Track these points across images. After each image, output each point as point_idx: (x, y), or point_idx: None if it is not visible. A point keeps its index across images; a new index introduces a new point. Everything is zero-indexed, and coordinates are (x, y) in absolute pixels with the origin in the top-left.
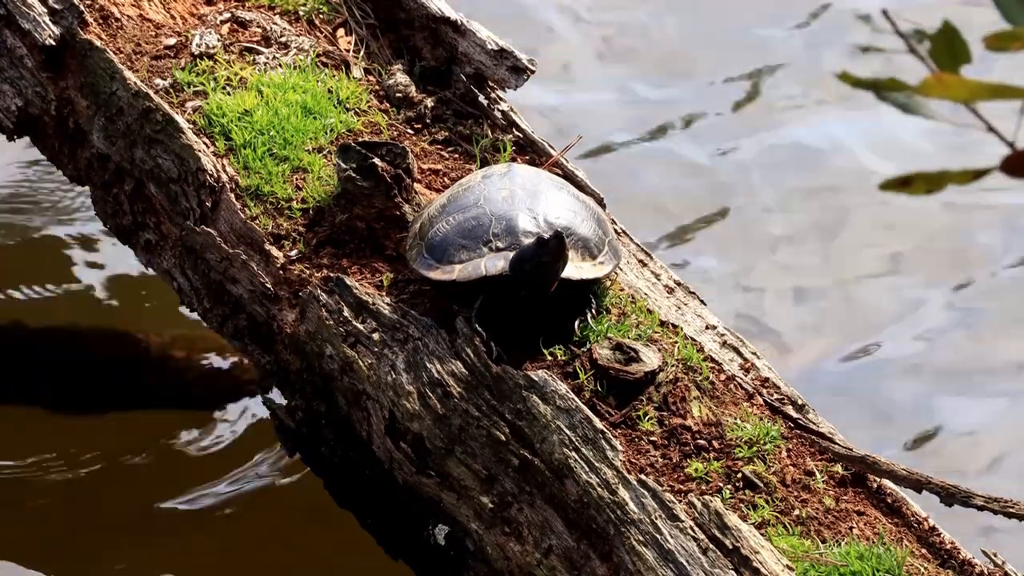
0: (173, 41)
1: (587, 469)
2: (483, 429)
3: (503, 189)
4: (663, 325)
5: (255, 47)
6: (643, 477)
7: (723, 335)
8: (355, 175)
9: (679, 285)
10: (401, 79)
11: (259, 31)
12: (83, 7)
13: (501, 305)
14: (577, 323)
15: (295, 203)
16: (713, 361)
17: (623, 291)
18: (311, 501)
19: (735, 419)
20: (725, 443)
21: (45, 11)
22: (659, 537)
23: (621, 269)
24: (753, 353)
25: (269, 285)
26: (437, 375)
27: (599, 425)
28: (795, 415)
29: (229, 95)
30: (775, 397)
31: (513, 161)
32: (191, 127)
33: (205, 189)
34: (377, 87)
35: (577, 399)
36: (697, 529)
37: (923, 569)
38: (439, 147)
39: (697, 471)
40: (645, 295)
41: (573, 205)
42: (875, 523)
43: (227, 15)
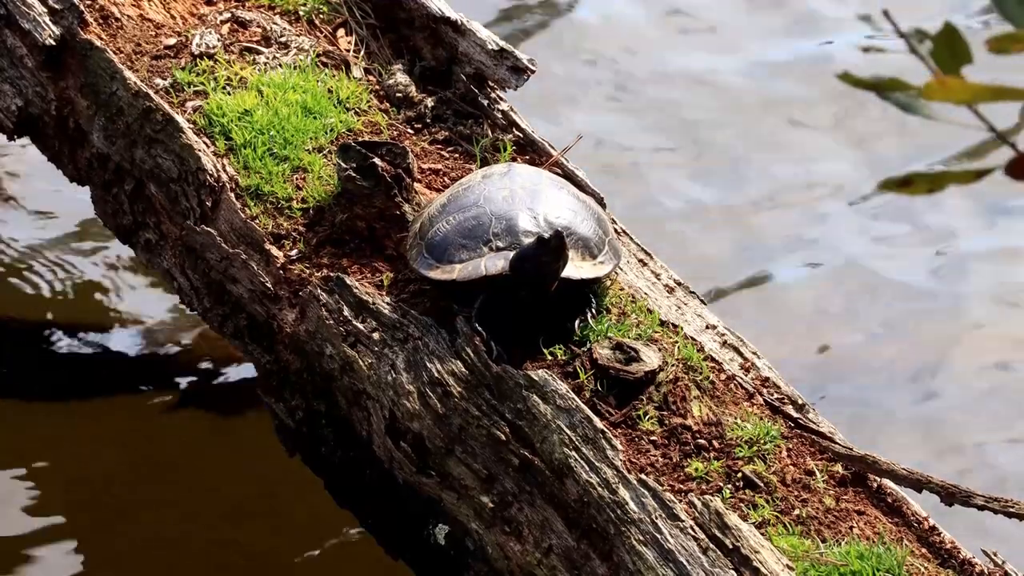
0: (173, 41)
1: (587, 469)
2: (483, 429)
3: (503, 189)
4: (663, 325)
5: (255, 47)
6: (643, 477)
7: (723, 335)
8: (355, 175)
9: (679, 285)
10: (401, 79)
11: (259, 31)
12: (83, 7)
13: (501, 305)
14: (577, 323)
15: (295, 203)
16: (713, 361)
17: (623, 291)
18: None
19: (735, 419)
20: (725, 443)
21: (45, 11)
22: (659, 537)
23: (621, 269)
24: (753, 353)
25: (269, 285)
26: (437, 375)
27: (599, 425)
28: (795, 415)
29: (229, 95)
30: (775, 397)
31: (513, 161)
32: (191, 127)
33: (205, 189)
34: (377, 87)
35: (577, 399)
36: (697, 529)
37: (923, 569)
38: (439, 147)
39: (697, 471)
40: (645, 295)
41: (573, 205)
42: (875, 523)
43: (227, 15)
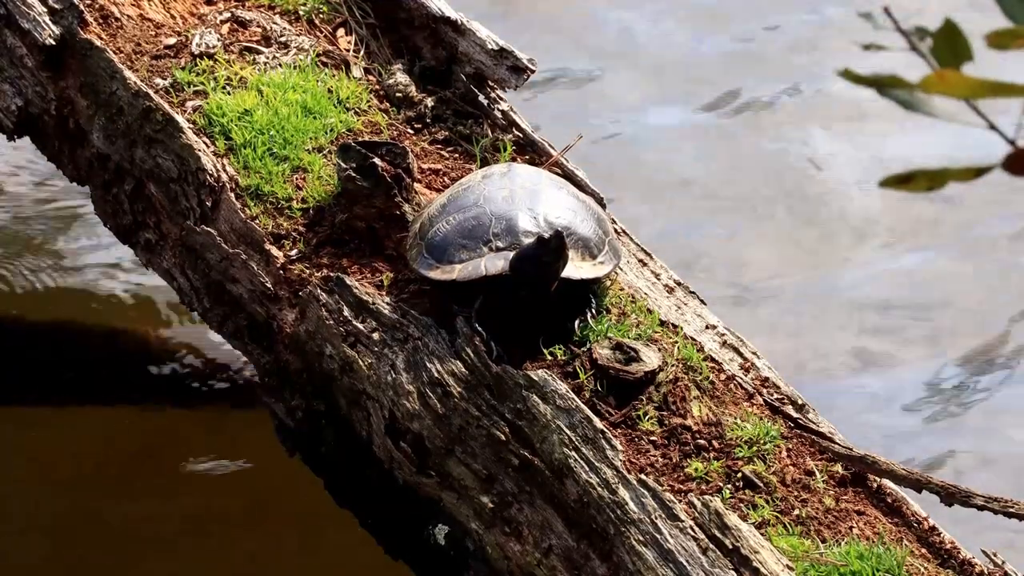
0: (173, 41)
1: (587, 469)
2: (483, 429)
3: (503, 189)
4: (663, 325)
5: (255, 47)
6: (643, 477)
7: (723, 335)
8: (355, 175)
9: (679, 285)
10: (401, 79)
11: (259, 31)
12: (83, 7)
13: (501, 305)
14: (577, 323)
15: (295, 203)
16: (713, 361)
17: (623, 291)
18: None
19: (735, 419)
20: (725, 443)
21: (45, 11)
22: (659, 537)
23: (621, 269)
24: (753, 353)
25: (269, 285)
26: (437, 375)
27: (599, 425)
28: (795, 415)
29: (229, 95)
30: (775, 397)
31: (513, 161)
32: (191, 127)
33: (205, 189)
34: (377, 87)
35: (577, 399)
36: (697, 529)
37: (923, 569)
38: (439, 147)
39: (697, 471)
40: (645, 295)
41: (573, 204)
42: (875, 523)
43: (227, 15)
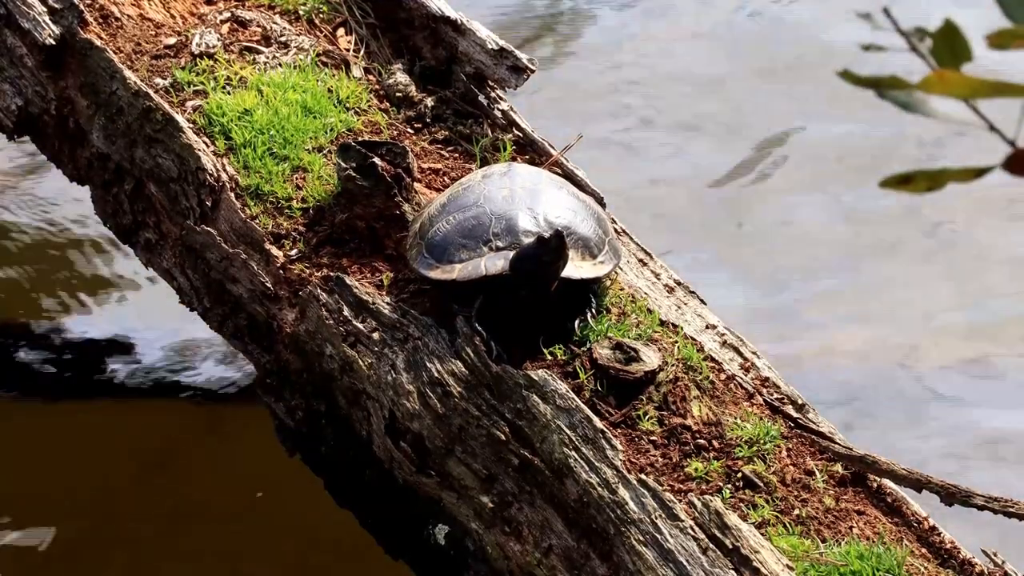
0: (173, 40)
1: (587, 469)
2: (483, 429)
3: (503, 188)
4: (663, 324)
5: (255, 46)
6: (643, 477)
7: (723, 335)
8: (355, 174)
9: (679, 285)
10: (401, 78)
11: (259, 30)
12: (83, 6)
13: (501, 305)
14: (577, 323)
15: (295, 202)
16: (713, 361)
17: (623, 290)
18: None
19: (735, 419)
20: (725, 443)
21: (45, 10)
22: (659, 537)
23: (621, 268)
24: (753, 353)
25: (269, 284)
26: (437, 374)
27: (599, 425)
28: (795, 415)
29: (229, 94)
30: (775, 397)
31: (513, 160)
32: (191, 126)
33: (205, 188)
34: (377, 86)
35: (577, 399)
36: (697, 529)
37: (923, 569)
38: (439, 146)
39: (697, 471)
40: (645, 294)
41: (573, 204)
42: (875, 523)
43: (227, 14)
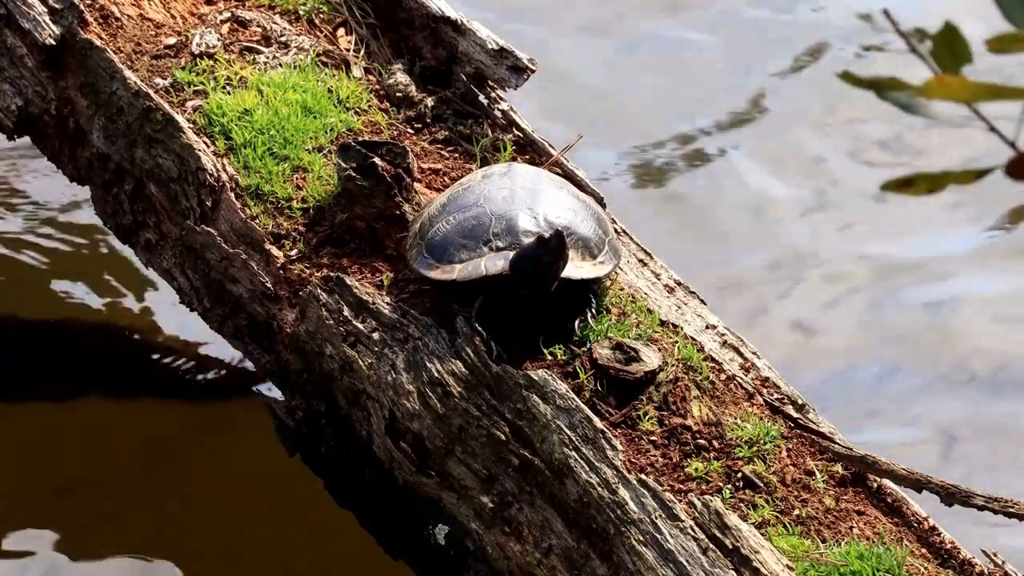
0: (173, 40)
1: (587, 469)
2: (483, 429)
3: (503, 188)
4: (663, 325)
5: (255, 46)
6: (643, 477)
7: (723, 335)
8: (355, 174)
9: (679, 285)
10: (401, 78)
11: (259, 30)
12: (83, 6)
13: (501, 305)
14: (577, 323)
15: (295, 202)
16: (713, 361)
17: (623, 290)
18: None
19: (735, 419)
20: (725, 443)
21: (45, 11)
22: (659, 537)
23: (621, 268)
24: (753, 353)
25: (269, 285)
26: (437, 375)
27: (599, 425)
28: (795, 415)
29: (229, 94)
30: (775, 397)
31: (513, 160)
32: (191, 126)
33: (205, 188)
34: (377, 86)
35: (577, 399)
36: (697, 529)
37: (923, 569)
38: (439, 146)
39: (697, 471)
40: (645, 295)
41: (573, 204)
42: (875, 523)
43: (227, 14)
